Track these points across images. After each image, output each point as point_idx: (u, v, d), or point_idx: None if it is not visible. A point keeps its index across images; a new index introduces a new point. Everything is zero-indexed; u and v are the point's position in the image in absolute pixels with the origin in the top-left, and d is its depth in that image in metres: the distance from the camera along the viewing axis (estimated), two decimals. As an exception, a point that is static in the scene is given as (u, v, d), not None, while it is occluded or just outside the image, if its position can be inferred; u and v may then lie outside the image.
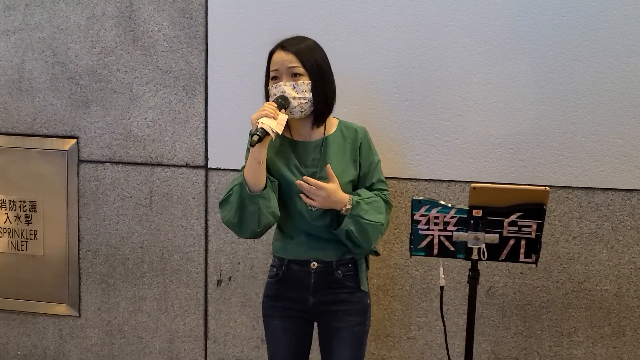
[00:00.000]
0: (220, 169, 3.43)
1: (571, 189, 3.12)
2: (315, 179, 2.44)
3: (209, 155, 3.44)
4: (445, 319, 2.81)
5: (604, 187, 3.10)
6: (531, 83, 3.08)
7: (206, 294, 3.54)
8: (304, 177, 2.41)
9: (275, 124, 2.31)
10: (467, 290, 2.44)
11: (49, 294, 3.69)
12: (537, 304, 3.22)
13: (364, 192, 2.54)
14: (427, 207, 2.24)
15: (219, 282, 3.51)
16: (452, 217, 2.23)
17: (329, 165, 2.41)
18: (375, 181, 2.60)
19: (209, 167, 3.45)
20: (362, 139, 2.60)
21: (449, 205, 2.24)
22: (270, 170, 2.50)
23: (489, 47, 3.11)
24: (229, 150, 3.40)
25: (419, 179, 3.21)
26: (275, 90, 2.46)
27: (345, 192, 2.47)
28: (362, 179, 2.59)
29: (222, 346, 3.55)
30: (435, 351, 3.32)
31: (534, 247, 2.22)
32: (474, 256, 2.24)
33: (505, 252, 2.24)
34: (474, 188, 2.18)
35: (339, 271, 2.54)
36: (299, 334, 2.64)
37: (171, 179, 3.50)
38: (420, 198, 2.28)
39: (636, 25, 2.98)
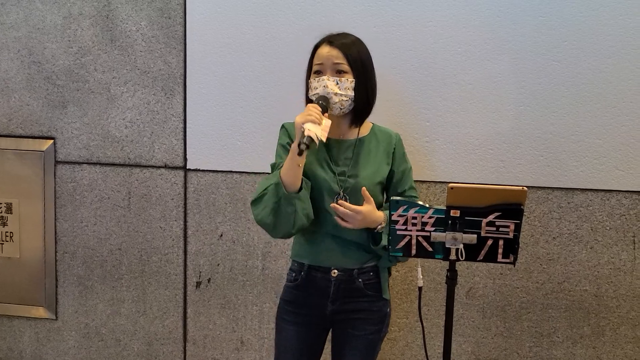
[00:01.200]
0: (199, 169, 3.41)
1: (550, 190, 3.12)
2: (344, 177, 2.44)
3: (187, 156, 3.41)
4: (425, 320, 2.80)
5: (583, 187, 3.10)
6: (511, 84, 3.09)
7: (185, 295, 3.51)
8: (340, 202, 2.37)
9: (320, 130, 2.29)
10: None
11: (25, 296, 3.65)
12: (517, 305, 3.21)
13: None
14: (405, 207, 2.22)
15: (198, 284, 3.49)
16: (430, 218, 2.21)
17: (364, 188, 2.37)
18: (407, 188, 2.59)
19: (187, 168, 3.42)
20: (396, 144, 2.59)
21: (427, 205, 2.22)
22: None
23: (469, 48, 3.10)
24: (208, 151, 3.38)
25: (399, 180, 3.20)
26: (317, 84, 2.42)
27: (373, 194, 2.43)
28: (394, 186, 2.57)
29: (201, 348, 3.52)
30: (416, 352, 3.31)
31: (512, 247, 2.21)
32: (452, 256, 2.22)
33: (483, 252, 2.22)
34: (452, 188, 2.16)
35: (359, 279, 2.50)
36: (313, 341, 2.59)
37: (150, 180, 3.47)
38: (399, 198, 2.25)
39: (614, 26, 2.99)
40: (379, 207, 2.48)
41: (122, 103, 3.45)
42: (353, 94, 2.44)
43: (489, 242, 2.22)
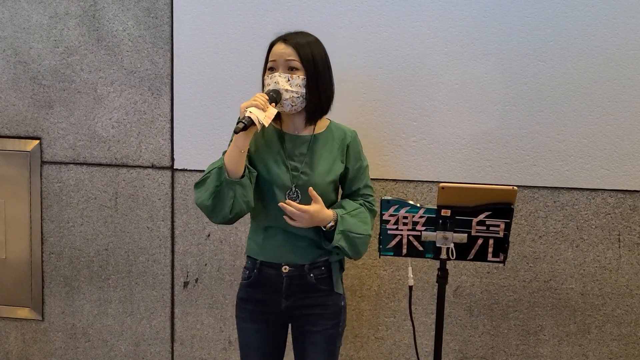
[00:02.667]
0: (186, 169, 3.40)
1: (537, 189, 3.15)
2: (297, 173, 2.45)
3: (175, 156, 3.41)
4: (413, 319, 2.81)
5: (569, 186, 3.13)
6: (497, 83, 3.11)
7: (173, 296, 3.51)
8: (287, 201, 2.38)
9: (264, 115, 2.29)
10: (435, 290, 2.45)
11: (11, 297, 3.63)
12: (504, 303, 3.24)
13: (347, 204, 2.52)
14: (396, 207, 2.24)
15: (185, 284, 3.48)
16: (420, 217, 2.24)
17: (311, 188, 2.39)
18: (362, 186, 2.58)
19: (175, 168, 3.42)
20: (350, 141, 2.58)
21: (418, 205, 2.24)
22: (253, 159, 2.48)
23: (455, 48, 3.12)
24: (195, 151, 3.37)
25: (387, 179, 3.22)
26: (270, 80, 2.43)
27: (326, 192, 2.47)
28: (349, 183, 2.57)
29: (189, 348, 3.52)
30: (404, 351, 3.33)
31: (501, 246, 2.23)
32: (443, 256, 2.25)
33: (473, 251, 2.24)
34: (443, 188, 2.18)
35: (311, 274, 2.51)
36: (273, 337, 2.61)
37: (137, 180, 3.46)
38: (389, 198, 2.27)
39: (599, 26, 3.02)
40: (331, 204, 2.51)
41: (109, 103, 3.44)
42: (304, 92, 2.45)
43: (479, 241, 2.25)
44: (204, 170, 3.28)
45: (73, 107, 3.47)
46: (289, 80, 2.42)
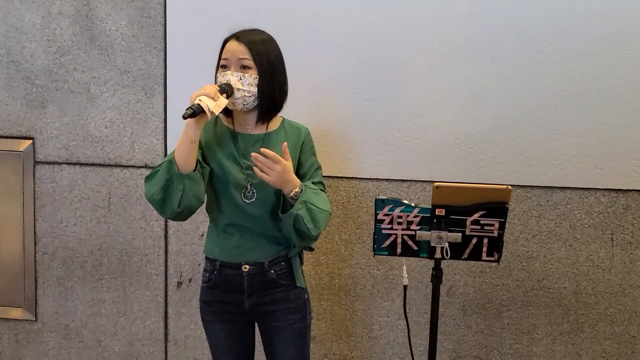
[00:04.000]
0: (180, 169, 3.40)
1: (530, 188, 3.16)
2: (252, 172, 2.39)
3: (168, 156, 3.40)
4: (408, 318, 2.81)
5: (562, 186, 3.14)
6: (490, 83, 3.11)
7: (166, 296, 3.50)
8: (261, 149, 2.30)
9: (214, 104, 2.27)
10: (429, 289, 2.46)
11: (4, 297, 3.61)
12: (497, 303, 3.25)
13: (308, 183, 2.48)
14: (391, 206, 2.24)
15: (179, 284, 3.48)
16: (415, 216, 2.24)
17: (285, 143, 2.35)
18: (316, 182, 2.54)
19: (168, 167, 3.41)
20: (304, 138, 2.57)
21: (412, 204, 2.25)
22: (207, 158, 2.46)
23: (449, 48, 3.13)
24: (189, 151, 3.36)
25: (380, 179, 3.22)
26: (222, 78, 2.41)
27: (280, 190, 2.42)
28: (302, 177, 2.52)
29: (182, 348, 3.52)
30: (397, 350, 3.33)
31: (496, 245, 2.24)
32: (437, 255, 2.25)
33: (468, 250, 2.25)
34: (437, 187, 2.18)
35: (272, 271, 2.50)
36: (241, 336, 2.60)
37: (130, 180, 3.45)
38: (384, 197, 2.28)
39: (592, 26, 3.03)
40: (283, 204, 2.46)
41: (102, 103, 3.43)
42: (256, 91, 2.42)
43: (474, 240, 2.25)
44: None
45: (66, 106, 3.46)
46: (240, 79, 2.40)
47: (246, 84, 2.40)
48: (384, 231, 2.26)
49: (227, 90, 2.36)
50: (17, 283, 3.60)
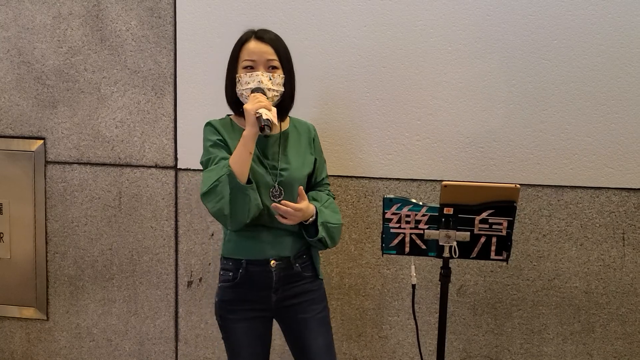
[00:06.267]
0: (190, 169, 3.41)
1: (541, 187, 3.14)
2: (276, 171, 2.48)
3: (178, 156, 3.41)
4: (417, 318, 2.81)
5: (573, 185, 3.12)
6: (501, 82, 3.10)
7: (176, 295, 3.51)
8: (283, 202, 2.40)
9: (272, 115, 2.32)
10: (439, 288, 2.45)
11: (16, 297, 3.63)
12: (507, 302, 3.23)
13: (318, 196, 2.59)
14: (399, 205, 2.24)
15: (189, 284, 3.49)
16: (423, 215, 2.23)
17: (301, 187, 2.46)
18: (325, 176, 2.69)
19: (178, 167, 3.42)
20: (315, 135, 2.67)
21: (420, 203, 2.24)
22: None
23: (459, 47, 3.12)
24: (199, 151, 3.34)
25: (390, 178, 3.21)
26: (249, 79, 2.44)
27: (304, 185, 2.53)
28: (316, 173, 2.63)
29: (193, 348, 3.52)
30: (407, 350, 3.32)
31: (504, 244, 2.23)
32: (446, 254, 2.25)
33: (476, 249, 2.24)
34: (445, 186, 2.18)
35: (297, 264, 2.55)
36: (261, 334, 2.62)
37: (140, 180, 3.46)
38: (392, 196, 2.27)
39: (603, 24, 3.01)
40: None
41: (113, 103, 3.44)
42: (282, 90, 2.50)
43: (482, 239, 2.24)
44: (207, 170, 3.32)
45: (77, 107, 3.47)
46: (270, 79, 2.44)
47: (275, 84, 2.46)
48: (392, 230, 2.26)
49: (265, 94, 2.40)
50: (29, 282, 3.61)
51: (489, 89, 3.11)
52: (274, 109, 2.37)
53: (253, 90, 2.42)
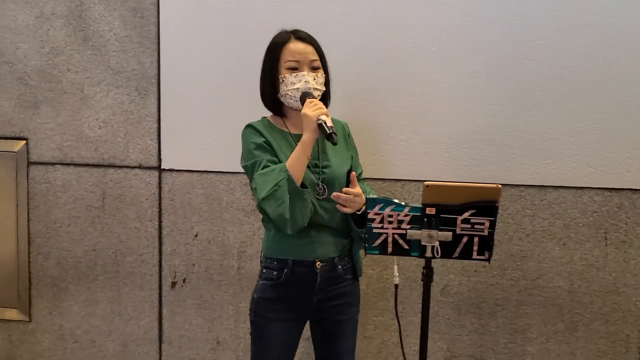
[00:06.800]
0: (173, 169, 3.40)
1: (524, 187, 3.15)
2: (318, 169, 2.50)
3: (162, 156, 3.40)
4: (401, 318, 2.82)
5: (556, 185, 3.13)
6: (484, 82, 3.11)
7: (160, 296, 3.50)
8: (344, 190, 2.43)
9: (329, 121, 2.35)
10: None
11: (-2, 298, 3.62)
12: (491, 302, 3.24)
13: (362, 187, 2.59)
14: (381, 205, 2.23)
15: (173, 284, 3.48)
16: (405, 215, 2.23)
17: (353, 173, 2.49)
18: (360, 172, 2.72)
19: (162, 168, 3.41)
20: (349, 132, 2.72)
21: (403, 203, 2.24)
22: (282, 160, 2.46)
23: (443, 47, 3.12)
24: (183, 151, 3.37)
25: (375, 179, 3.21)
26: (295, 79, 2.46)
27: (345, 182, 2.54)
28: (353, 169, 2.63)
29: (177, 349, 3.51)
30: (392, 350, 3.33)
31: (486, 244, 2.23)
32: (428, 254, 2.24)
33: (458, 249, 2.24)
34: (427, 186, 2.18)
35: (339, 266, 2.56)
36: (295, 335, 2.63)
37: (124, 181, 3.45)
38: (375, 196, 2.27)
39: (586, 25, 3.02)
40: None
41: (96, 103, 3.43)
42: (324, 89, 2.54)
43: (464, 239, 2.24)
44: (191, 170, 3.33)
45: (60, 107, 3.46)
46: (314, 79, 2.48)
47: (319, 84, 2.50)
48: (374, 230, 2.25)
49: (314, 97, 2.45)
50: (11, 284, 3.59)
51: (472, 90, 3.12)
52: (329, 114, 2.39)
53: (304, 94, 2.43)
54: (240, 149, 2.56)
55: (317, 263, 2.51)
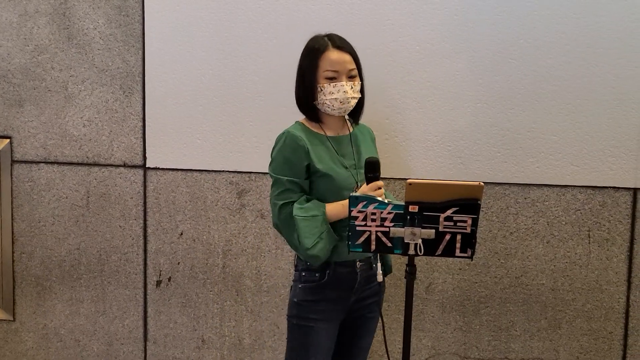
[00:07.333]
0: (158, 168, 3.39)
1: (508, 185, 3.17)
2: (355, 170, 2.55)
3: (147, 155, 3.40)
4: (385, 316, 2.82)
5: (539, 183, 3.15)
6: (468, 81, 3.12)
7: (145, 295, 3.49)
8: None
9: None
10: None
11: (-18, 298, 3.60)
12: (475, 300, 3.25)
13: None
14: (364, 203, 2.23)
15: (158, 283, 3.47)
16: (389, 213, 2.23)
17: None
18: None
19: (147, 166, 3.41)
20: (374, 136, 2.81)
21: (386, 201, 2.25)
22: (317, 165, 2.48)
23: (427, 46, 3.13)
24: (168, 150, 3.36)
25: (359, 177, 3.22)
26: (333, 89, 2.48)
27: None
28: None
29: (162, 347, 3.51)
30: (377, 348, 3.33)
31: (469, 241, 2.23)
32: (411, 251, 2.25)
33: (441, 247, 2.24)
34: (410, 184, 2.18)
35: (374, 265, 2.60)
36: (334, 334, 2.64)
37: (108, 179, 3.44)
38: (358, 194, 2.27)
39: (569, 25, 3.04)
40: None
41: (80, 102, 3.42)
42: (360, 96, 2.58)
43: (447, 236, 2.24)
44: (176, 169, 3.33)
45: (44, 105, 3.44)
46: (352, 87, 2.51)
47: (355, 92, 2.53)
48: (358, 228, 2.25)
49: (378, 176, 2.47)
50: (-5, 283, 3.59)
51: (456, 88, 3.13)
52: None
53: (369, 172, 2.44)
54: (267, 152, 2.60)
55: (358, 263, 2.56)
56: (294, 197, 2.47)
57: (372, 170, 2.43)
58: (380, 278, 2.56)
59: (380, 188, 2.42)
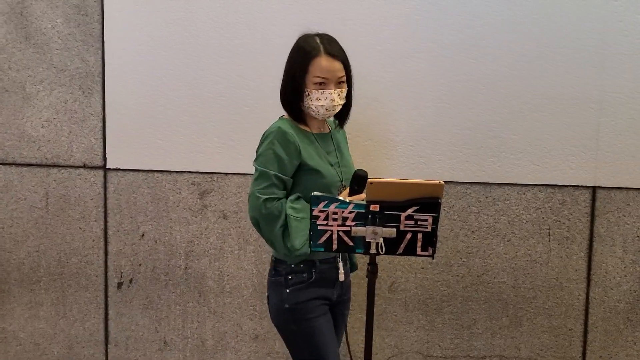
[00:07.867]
0: (119, 169, 3.36)
1: (469, 185, 3.19)
2: (339, 168, 2.56)
3: (107, 156, 3.36)
4: (349, 315, 2.81)
5: (500, 182, 3.18)
6: (429, 81, 3.14)
7: (106, 297, 3.46)
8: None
9: None
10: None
11: (-62, 302, 3.54)
12: (438, 298, 3.27)
13: None
14: (326, 202, 2.23)
15: (119, 285, 3.44)
16: (350, 212, 2.23)
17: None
18: None
19: (107, 167, 3.37)
20: (345, 134, 2.79)
21: (347, 200, 2.25)
22: (311, 164, 2.47)
23: (388, 46, 3.14)
24: (128, 150, 3.33)
25: (321, 177, 3.22)
26: (321, 96, 2.45)
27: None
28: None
29: (123, 350, 3.47)
30: (341, 348, 3.32)
31: (430, 240, 2.24)
32: (372, 250, 2.25)
33: (402, 245, 2.25)
34: (371, 183, 2.19)
35: (349, 260, 2.68)
36: (333, 326, 2.64)
37: (68, 181, 3.40)
38: (319, 194, 2.26)
39: (529, 25, 3.07)
40: None
41: (38, 102, 3.37)
42: (345, 101, 2.55)
43: (408, 235, 2.25)
44: (136, 170, 3.30)
45: (1, 106, 3.39)
46: (339, 95, 2.48)
47: (342, 98, 2.51)
48: (319, 227, 2.25)
49: (361, 188, 2.46)
50: (-48, 287, 3.52)
51: (417, 88, 3.15)
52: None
53: (355, 184, 2.44)
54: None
55: (338, 259, 2.57)
56: (278, 194, 2.44)
57: (359, 184, 2.44)
58: (342, 277, 2.55)
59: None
